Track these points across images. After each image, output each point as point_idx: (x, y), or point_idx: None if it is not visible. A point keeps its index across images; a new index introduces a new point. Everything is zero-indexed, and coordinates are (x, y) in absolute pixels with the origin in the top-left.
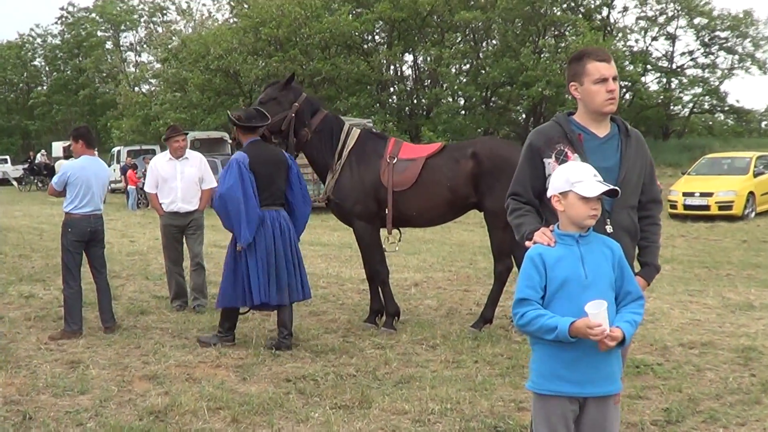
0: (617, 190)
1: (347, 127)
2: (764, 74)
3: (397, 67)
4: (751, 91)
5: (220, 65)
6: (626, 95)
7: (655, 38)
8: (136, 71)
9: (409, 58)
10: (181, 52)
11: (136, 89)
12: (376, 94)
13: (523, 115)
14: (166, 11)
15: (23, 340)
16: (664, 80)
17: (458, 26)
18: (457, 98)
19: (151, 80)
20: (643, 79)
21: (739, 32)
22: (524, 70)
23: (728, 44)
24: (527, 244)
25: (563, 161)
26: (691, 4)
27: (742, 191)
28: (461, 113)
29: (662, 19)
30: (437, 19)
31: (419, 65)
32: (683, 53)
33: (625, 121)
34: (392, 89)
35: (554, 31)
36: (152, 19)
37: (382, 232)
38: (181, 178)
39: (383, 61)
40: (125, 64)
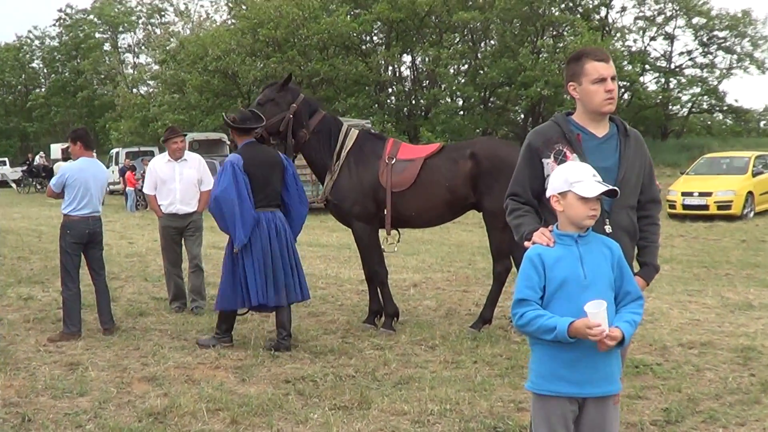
0: (616, 190)
1: (345, 127)
2: (763, 74)
3: (395, 67)
4: (749, 90)
5: (218, 66)
6: (625, 95)
7: (653, 38)
8: (134, 73)
9: (407, 58)
10: (179, 53)
11: (134, 91)
12: (374, 94)
13: (521, 115)
14: (164, 13)
15: (22, 342)
16: (662, 80)
17: (456, 27)
18: (455, 99)
19: (149, 82)
20: (641, 79)
21: (737, 32)
22: (522, 70)
23: (727, 44)
24: (526, 244)
25: (562, 161)
26: (689, 3)
27: (740, 191)
28: (460, 114)
29: (660, 18)
30: (435, 19)
31: (417, 66)
32: (682, 53)
33: (624, 121)
34: (390, 90)
35: (552, 31)
36: (150, 20)
37: (380, 232)
38: (179, 179)
39: (381, 61)
40: (123, 65)
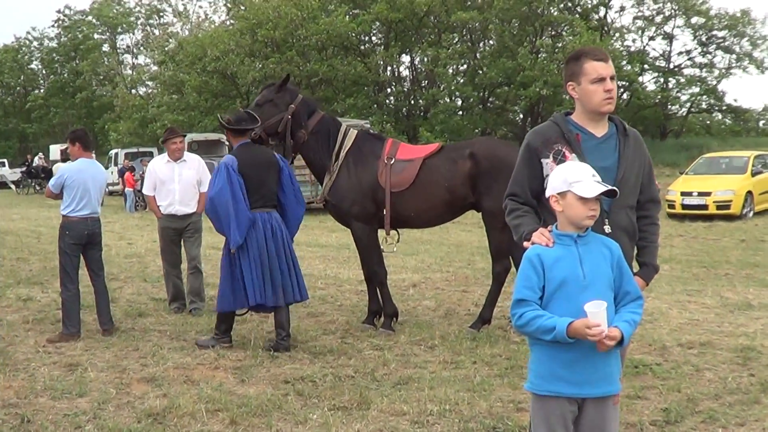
0: (615, 190)
1: (344, 128)
2: (762, 73)
3: (394, 68)
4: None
5: (216, 67)
6: (624, 95)
7: (652, 38)
8: (133, 74)
9: (406, 58)
10: (177, 54)
11: (133, 92)
12: (373, 95)
13: (520, 115)
14: (162, 13)
15: (21, 343)
16: (661, 80)
17: (455, 27)
18: (454, 99)
19: (148, 83)
20: (640, 78)
21: (736, 31)
22: (521, 70)
23: (726, 43)
24: (525, 244)
25: (561, 161)
26: (688, 3)
27: (740, 190)
28: (458, 114)
29: (659, 18)
30: (434, 19)
31: (416, 66)
32: (680, 53)
33: (623, 120)
34: (389, 90)
35: (551, 31)
36: (149, 21)
37: (380, 233)
38: (178, 180)
39: (380, 62)
40: (122, 66)
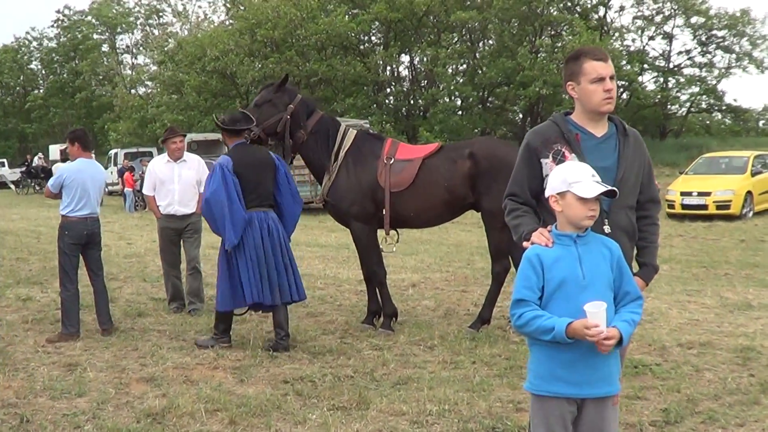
0: (615, 190)
1: (343, 128)
2: (762, 73)
3: (393, 67)
4: (748, 90)
5: (216, 67)
6: (623, 95)
7: (652, 38)
8: (132, 74)
9: (405, 58)
10: (177, 54)
11: (132, 92)
12: (372, 95)
13: (520, 115)
14: (162, 14)
15: (21, 343)
16: (661, 80)
17: (454, 26)
18: (453, 98)
19: (147, 83)
20: (640, 78)
21: (736, 31)
22: (521, 70)
23: (725, 43)
24: (525, 244)
25: (560, 161)
26: (687, 3)
27: (739, 190)
28: (458, 113)
29: (659, 18)
30: (433, 19)
31: (416, 66)
32: (680, 52)
33: (623, 120)
34: (389, 90)
35: (551, 30)
36: (148, 21)
37: (379, 232)
38: (178, 180)
39: (380, 61)
40: (121, 66)
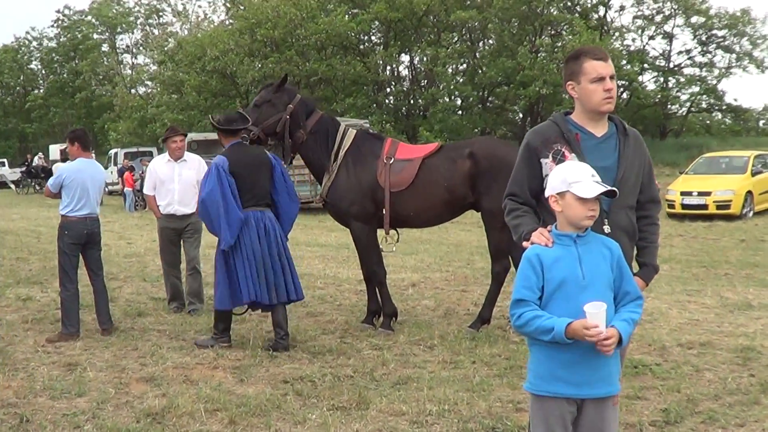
0: (615, 190)
1: (343, 127)
2: (762, 73)
3: (393, 67)
4: (748, 89)
5: (216, 67)
6: (623, 94)
7: (652, 37)
8: (132, 74)
9: (405, 58)
10: (177, 54)
11: (132, 91)
12: (372, 94)
13: (520, 114)
14: (162, 13)
15: (20, 342)
16: (661, 79)
17: (454, 26)
18: (453, 98)
19: (147, 82)
20: (640, 78)
21: (736, 31)
22: (521, 69)
23: (726, 43)
24: (525, 244)
25: (560, 161)
26: (687, 2)
27: (740, 190)
28: (458, 113)
29: (659, 18)
30: (433, 19)
31: (416, 65)
32: (680, 52)
33: (623, 120)
34: (389, 90)
35: (551, 30)
36: (148, 21)
37: (379, 232)
38: (178, 180)
39: (380, 61)
40: (121, 66)
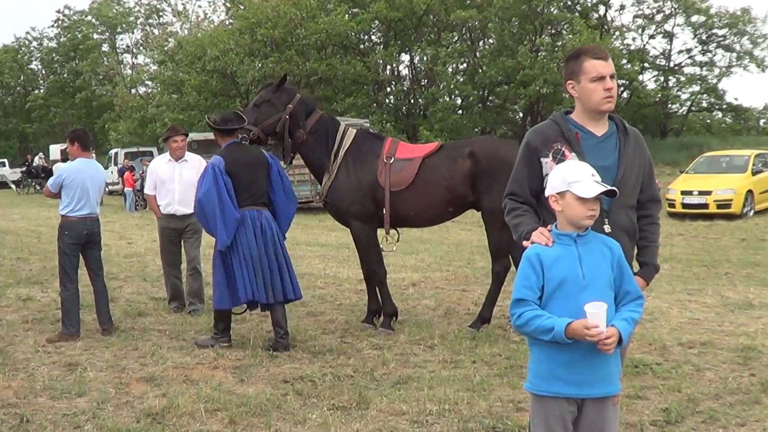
0: (615, 190)
1: (343, 127)
2: (762, 72)
3: (393, 66)
4: (749, 88)
5: (216, 66)
6: (624, 94)
7: (652, 36)
8: (132, 74)
9: (405, 57)
10: (177, 53)
11: (132, 91)
12: (372, 94)
13: (520, 114)
14: (162, 13)
15: (21, 342)
16: (661, 78)
17: (455, 25)
18: (453, 97)
19: (147, 82)
20: (640, 77)
21: (737, 30)
22: (521, 68)
23: (726, 42)
24: (525, 243)
25: (560, 160)
26: (688, 1)
27: (740, 189)
28: (458, 112)
29: (659, 17)
30: (433, 18)
31: (416, 65)
32: (681, 51)
33: (623, 119)
34: (389, 89)
35: (551, 29)
36: (148, 21)
37: (379, 232)
38: (179, 180)
39: (380, 61)
40: (122, 66)
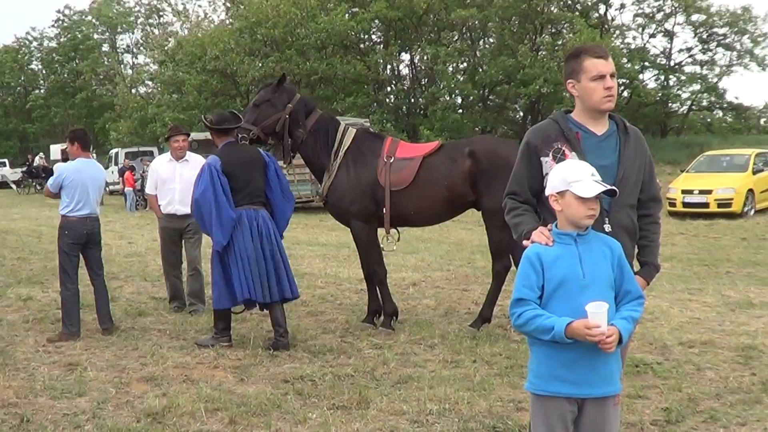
0: (615, 189)
1: (343, 126)
2: (763, 71)
3: (393, 66)
4: (749, 87)
5: (216, 66)
6: (624, 93)
7: (652, 35)
8: (132, 73)
9: (405, 57)
10: (177, 53)
11: (133, 91)
12: (373, 93)
13: (520, 113)
14: (162, 13)
15: (21, 342)
16: (662, 77)
17: (455, 24)
18: (454, 97)
19: (148, 82)
20: (641, 76)
21: (737, 28)
22: (521, 68)
23: (726, 41)
24: (525, 243)
25: (561, 160)
26: (688, 0)
27: (741, 188)
28: (459, 112)
29: (660, 15)
30: (433, 17)
31: (416, 64)
32: (681, 50)
33: (623, 118)
34: (389, 88)
35: (551, 28)
36: (148, 21)
37: (379, 231)
38: (179, 179)
39: (380, 60)
40: (122, 66)
